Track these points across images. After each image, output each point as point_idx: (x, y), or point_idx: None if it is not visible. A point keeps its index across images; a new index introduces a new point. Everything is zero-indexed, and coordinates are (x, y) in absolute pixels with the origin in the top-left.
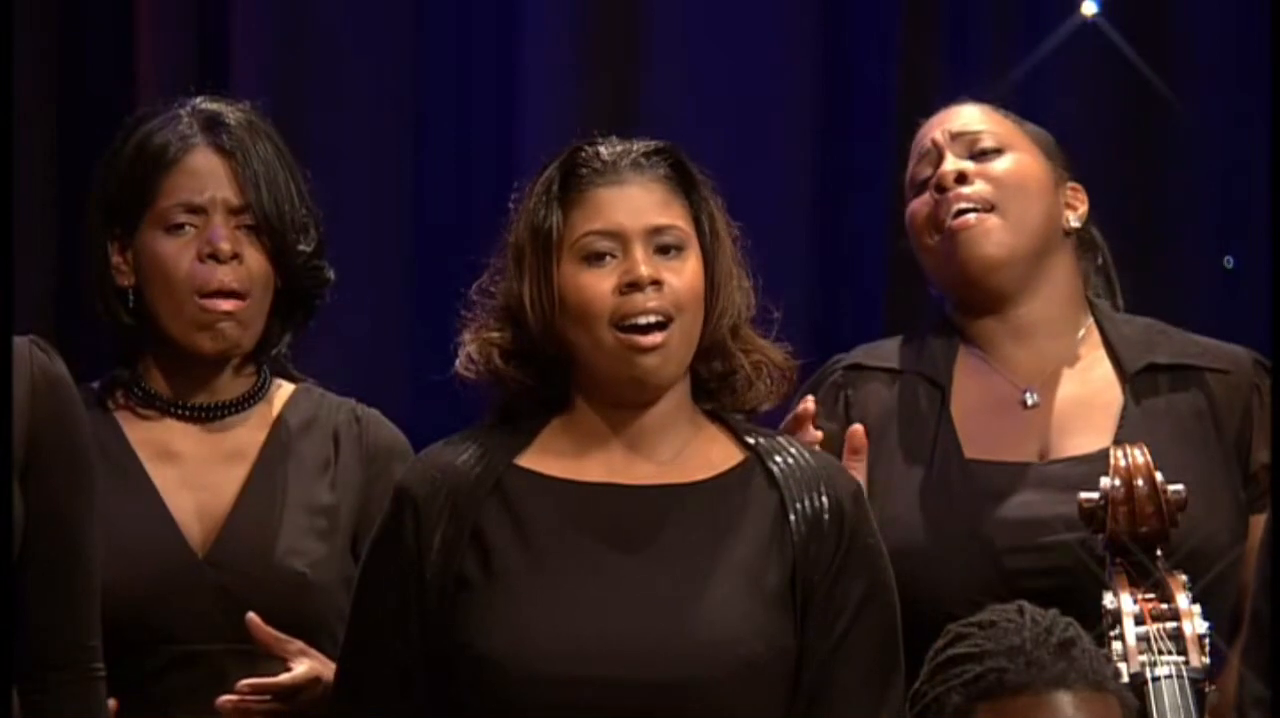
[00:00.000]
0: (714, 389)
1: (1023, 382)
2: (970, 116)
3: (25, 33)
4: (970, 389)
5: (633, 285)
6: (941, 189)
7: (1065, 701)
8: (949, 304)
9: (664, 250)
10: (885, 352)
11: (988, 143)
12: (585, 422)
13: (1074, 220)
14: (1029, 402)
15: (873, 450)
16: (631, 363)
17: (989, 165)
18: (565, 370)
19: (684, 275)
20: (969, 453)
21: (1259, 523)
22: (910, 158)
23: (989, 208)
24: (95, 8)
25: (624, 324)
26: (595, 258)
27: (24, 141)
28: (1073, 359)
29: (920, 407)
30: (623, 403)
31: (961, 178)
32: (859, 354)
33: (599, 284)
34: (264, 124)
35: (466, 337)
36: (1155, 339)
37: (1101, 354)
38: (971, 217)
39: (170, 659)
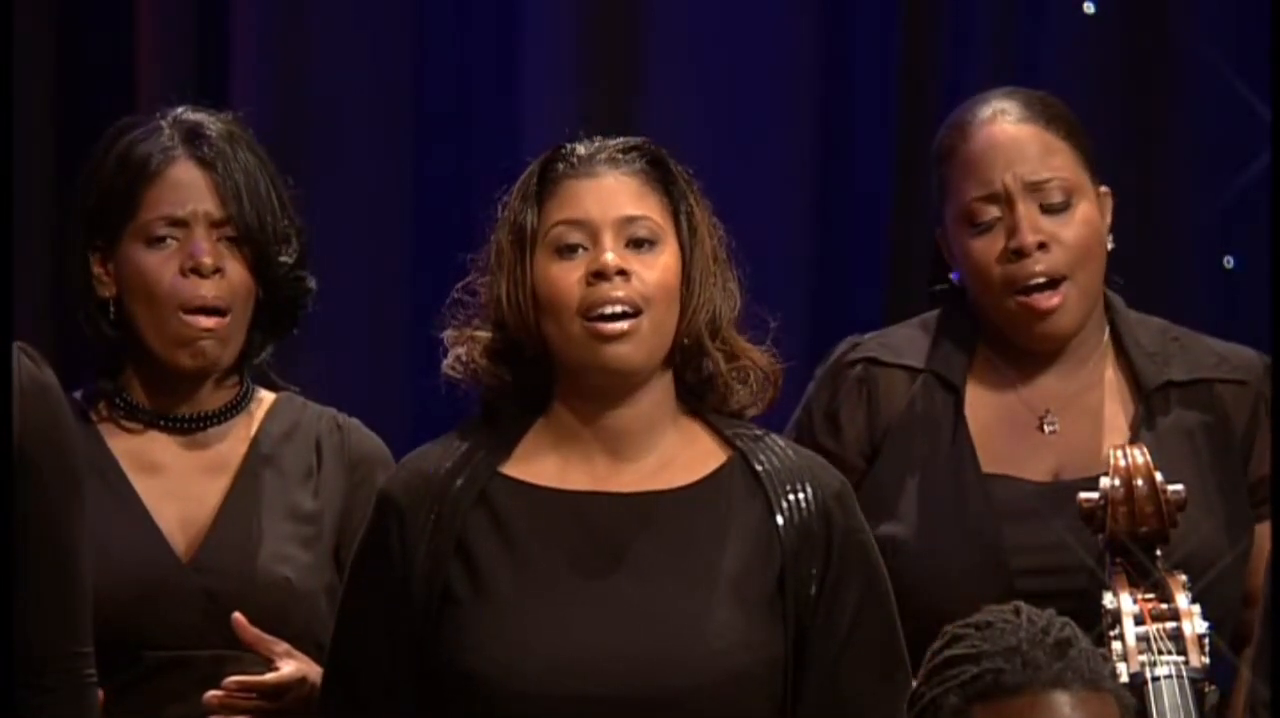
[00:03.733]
0: (697, 392)
1: (1041, 402)
2: (1035, 157)
3: (25, 34)
4: (987, 399)
5: (598, 275)
6: (1021, 254)
7: (1062, 700)
8: (976, 302)
9: (637, 244)
10: (900, 345)
11: (1056, 197)
12: (567, 423)
13: (1109, 241)
14: (1047, 427)
15: (890, 455)
16: (597, 351)
17: (1061, 229)
18: (547, 370)
19: (655, 269)
20: (985, 467)
21: (1263, 533)
22: (959, 172)
23: (1063, 277)
24: (95, 8)
25: (590, 314)
26: (567, 249)
27: (22, 144)
28: (1092, 379)
29: (937, 412)
30: (599, 396)
31: (1042, 245)
32: (874, 347)
33: (568, 275)
34: (245, 134)
35: (451, 336)
36: (1171, 351)
37: (1118, 372)
38: (1055, 298)
39: (157, 665)
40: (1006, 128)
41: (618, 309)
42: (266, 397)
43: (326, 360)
